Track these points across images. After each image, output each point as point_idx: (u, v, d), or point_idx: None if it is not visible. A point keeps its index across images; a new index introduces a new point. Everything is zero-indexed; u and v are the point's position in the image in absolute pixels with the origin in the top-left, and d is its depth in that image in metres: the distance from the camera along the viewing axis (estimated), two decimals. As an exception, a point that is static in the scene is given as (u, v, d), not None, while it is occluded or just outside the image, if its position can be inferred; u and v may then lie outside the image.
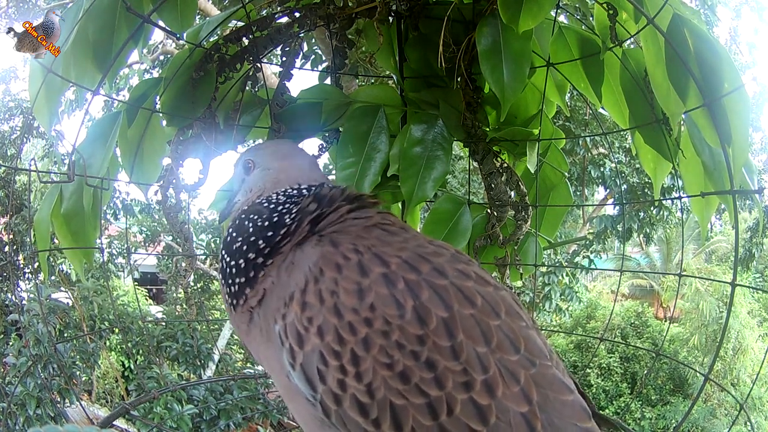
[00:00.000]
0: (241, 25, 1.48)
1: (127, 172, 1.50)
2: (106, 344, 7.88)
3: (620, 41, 1.37)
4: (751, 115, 1.17)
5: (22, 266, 7.26)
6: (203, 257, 9.61)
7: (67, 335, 6.74)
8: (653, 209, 8.96)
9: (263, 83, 1.62)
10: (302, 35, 1.49)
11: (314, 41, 5.07)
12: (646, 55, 1.25)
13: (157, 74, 6.14)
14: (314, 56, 5.52)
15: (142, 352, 7.79)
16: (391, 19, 1.55)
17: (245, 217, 0.89)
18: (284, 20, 1.46)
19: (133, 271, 8.56)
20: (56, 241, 1.60)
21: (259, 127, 1.56)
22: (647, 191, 8.59)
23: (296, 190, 0.92)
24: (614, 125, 1.67)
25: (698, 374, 8.29)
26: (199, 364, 6.94)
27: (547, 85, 1.54)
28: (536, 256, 1.65)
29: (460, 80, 1.46)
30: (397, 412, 0.71)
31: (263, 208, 0.89)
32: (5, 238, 7.18)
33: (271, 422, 6.03)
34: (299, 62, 1.57)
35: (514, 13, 1.20)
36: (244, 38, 1.43)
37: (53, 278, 7.26)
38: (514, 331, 0.75)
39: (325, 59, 5.08)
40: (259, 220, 0.87)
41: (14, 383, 5.66)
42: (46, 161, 9.38)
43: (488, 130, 1.54)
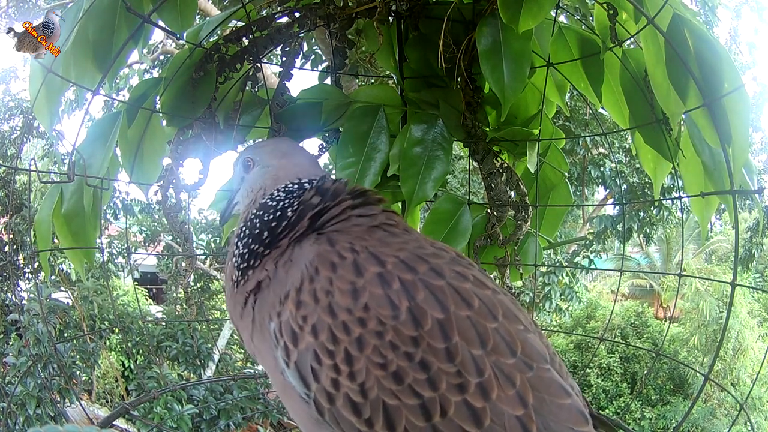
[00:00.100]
0: (241, 25, 1.48)
1: (127, 172, 1.50)
2: (106, 344, 7.89)
3: (620, 41, 1.37)
4: (751, 115, 1.17)
5: (22, 266, 7.26)
6: (203, 257, 9.61)
7: (67, 335, 6.74)
8: (653, 209, 8.96)
9: (263, 83, 1.62)
10: (302, 35, 1.49)
11: (314, 41, 5.07)
12: (646, 55, 1.25)
13: (157, 74, 6.13)
14: (314, 56, 5.52)
15: (142, 352, 7.80)
16: (391, 19, 1.55)
17: (254, 216, 0.92)
18: (284, 20, 1.46)
19: (133, 270, 8.56)
20: (56, 240, 1.60)
21: (259, 127, 1.56)
22: (647, 191, 8.59)
23: (296, 184, 0.92)
24: (614, 125, 1.67)
25: (698, 374, 8.29)
26: (199, 364, 6.95)
27: (547, 85, 1.54)
28: (536, 256, 1.65)
29: (460, 80, 1.46)
30: (390, 412, 0.71)
31: (267, 203, 0.91)
32: (5, 238, 7.18)
33: (271, 422, 6.03)
34: (299, 62, 1.57)
35: (514, 13, 1.20)
36: (244, 38, 1.43)
37: (53, 278, 7.26)
38: (511, 334, 0.75)
39: (325, 59, 5.08)
40: (265, 215, 0.90)
41: (14, 383, 5.66)
42: (46, 161, 9.38)
43: (488, 130, 1.54)
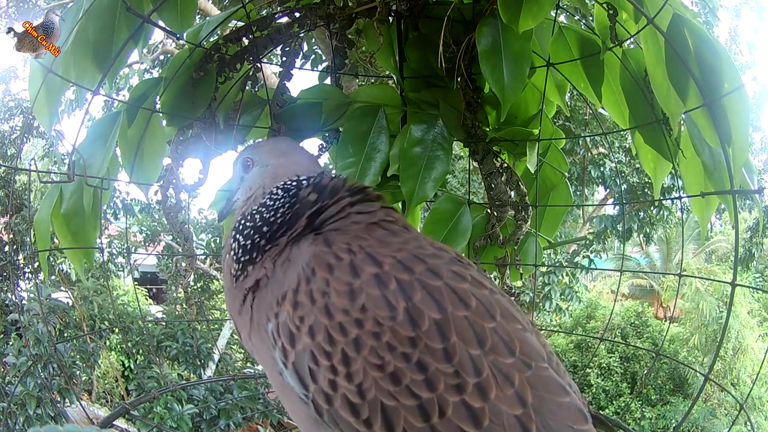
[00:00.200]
0: (241, 25, 1.48)
1: (127, 172, 1.50)
2: (106, 344, 7.89)
3: (620, 41, 1.37)
4: (751, 115, 1.17)
5: (22, 266, 7.26)
6: (203, 257, 9.60)
7: (67, 335, 6.74)
8: (653, 209, 8.95)
9: (263, 83, 1.62)
10: (302, 35, 1.49)
11: (314, 41, 5.07)
12: (646, 55, 1.25)
13: (157, 74, 6.13)
14: (314, 56, 5.52)
15: (142, 351, 7.80)
16: (391, 19, 1.55)
17: (255, 212, 0.92)
18: (284, 20, 1.46)
19: (133, 270, 8.55)
20: (56, 240, 1.60)
21: (259, 127, 1.56)
22: (647, 191, 8.59)
23: (295, 182, 0.93)
24: (614, 125, 1.67)
25: (698, 374, 8.29)
26: (199, 363, 6.95)
27: (547, 85, 1.54)
28: (536, 256, 1.65)
29: (460, 80, 1.46)
30: (388, 413, 0.71)
31: (267, 202, 0.92)
32: (5, 238, 7.18)
33: (271, 422, 6.03)
34: (299, 62, 1.57)
35: (514, 13, 1.20)
36: (244, 38, 1.43)
37: (53, 278, 7.26)
38: (509, 333, 0.75)
39: (325, 59, 5.08)
40: (266, 212, 0.90)
41: (14, 383, 5.66)
42: (46, 161, 9.38)
43: (488, 130, 1.54)
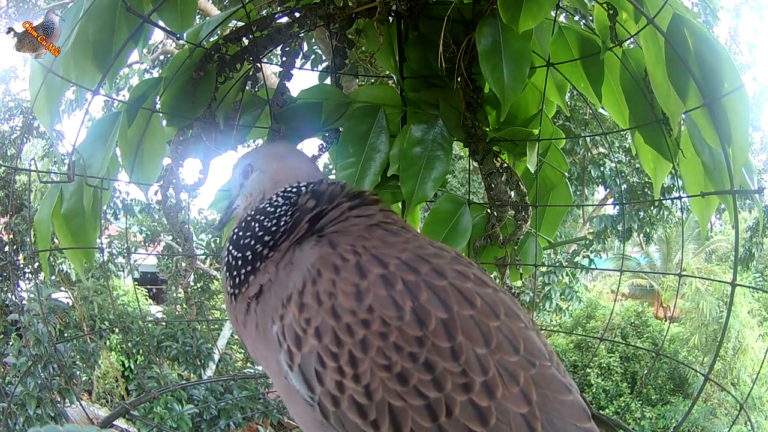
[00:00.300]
0: (241, 25, 1.48)
1: (127, 172, 1.50)
2: (106, 344, 7.89)
3: (620, 41, 1.37)
4: (751, 115, 1.17)
5: (22, 266, 7.26)
6: (203, 257, 9.60)
7: (67, 335, 6.74)
8: (653, 209, 8.95)
9: (263, 83, 1.62)
10: (302, 35, 1.49)
11: (314, 41, 5.07)
12: (646, 55, 1.25)
13: (157, 74, 6.13)
14: (314, 56, 5.52)
15: (142, 352, 7.80)
16: (391, 19, 1.55)
17: (251, 218, 0.91)
18: (284, 20, 1.46)
19: (133, 270, 8.56)
20: (56, 240, 1.60)
21: (259, 127, 1.56)
22: (647, 191, 8.59)
23: (295, 188, 0.92)
24: (614, 125, 1.67)
25: (698, 374, 8.29)
26: (199, 364, 6.94)
27: (547, 85, 1.54)
28: (536, 256, 1.65)
29: (460, 80, 1.46)
30: (395, 413, 0.71)
31: (267, 208, 0.91)
32: (5, 238, 7.19)
33: (271, 422, 6.03)
34: (299, 62, 1.57)
35: (514, 13, 1.20)
36: (244, 38, 1.43)
37: (53, 278, 7.26)
38: (513, 332, 0.75)
39: (325, 59, 5.08)
40: (265, 220, 0.89)
41: (14, 383, 5.65)
42: (46, 161, 9.38)
43: (488, 130, 1.54)
